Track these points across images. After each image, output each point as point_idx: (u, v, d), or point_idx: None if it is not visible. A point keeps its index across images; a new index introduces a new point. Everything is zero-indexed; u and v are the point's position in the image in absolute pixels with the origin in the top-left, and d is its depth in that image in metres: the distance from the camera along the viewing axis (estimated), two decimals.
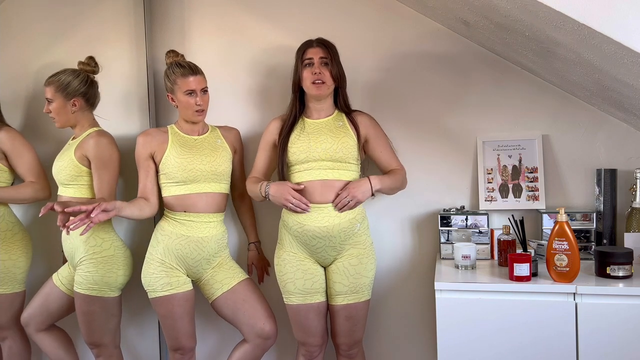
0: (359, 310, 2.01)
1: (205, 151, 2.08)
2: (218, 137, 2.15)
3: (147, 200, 2.06)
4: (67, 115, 2.15)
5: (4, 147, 2.24)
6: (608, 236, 2.02)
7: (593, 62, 1.59)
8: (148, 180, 2.07)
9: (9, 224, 2.27)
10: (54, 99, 2.13)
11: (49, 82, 2.14)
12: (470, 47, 2.19)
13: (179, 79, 2.02)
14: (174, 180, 2.04)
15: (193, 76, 2.03)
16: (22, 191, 2.22)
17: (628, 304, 1.67)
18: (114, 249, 2.11)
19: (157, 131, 2.12)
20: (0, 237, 2.24)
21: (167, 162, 2.04)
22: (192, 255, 2.05)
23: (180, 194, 2.05)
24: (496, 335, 1.76)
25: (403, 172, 2.09)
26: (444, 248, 2.12)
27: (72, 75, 2.14)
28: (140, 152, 2.08)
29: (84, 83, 2.15)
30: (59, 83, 2.12)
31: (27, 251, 2.32)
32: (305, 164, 1.99)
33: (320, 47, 1.99)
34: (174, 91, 2.05)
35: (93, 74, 2.21)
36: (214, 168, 2.06)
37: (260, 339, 2.07)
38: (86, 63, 2.20)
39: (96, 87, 2.22)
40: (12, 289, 2.27)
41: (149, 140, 2.08)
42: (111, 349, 2.17)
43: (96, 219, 1.80)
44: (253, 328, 2.06)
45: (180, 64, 2.06)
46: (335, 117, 2.05)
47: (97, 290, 2.07)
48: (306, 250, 2.02)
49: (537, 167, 2.13)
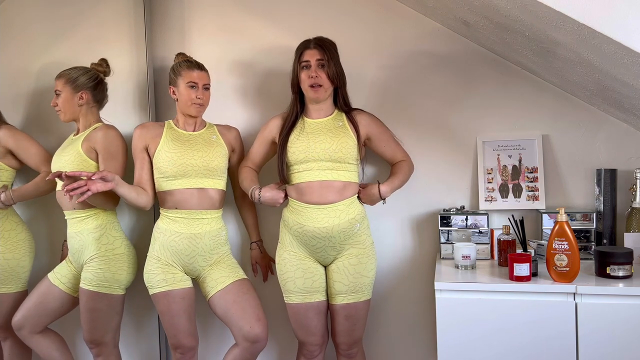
0: (358, 309, 2.01)
1: (198, 146, 2.08)
2: (214, 134, 2.15)
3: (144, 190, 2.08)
4: (73, 108, 2.17)
5: (8, 145, 2.26)
6: (608, 236, 2.02)
7: (593, 62, 1.59)
8: (143, 172, 2.10)
9: (13, 223, 2.29)
10: (62, 90, 2.16)
11: (59, 75, 2.18)
12: (470, 47, 2.19)
13: (184, 70, 2.07)
14: (165, 174, 2.05)
15: (198, 71, 2.08)
16: (41, 185, 2.26)
17: (628, 304, 1.67)
18: (124, 248, 2.14)
19: (154, 125, 2.14)
20: (4, 236, 2.25)
21: (159, 156, 2.06)
22: (186, 252, 2.05)
23: (171, 189, 2.05)
24: (496, 335, 1.76)
25: (408, 163, 2.11)
26: (444, 248, 2.12)
27: (82, 71, 2.19)
28: (135, 144, 2.11)
29: (93, 79, 2.19)
30: (69, 76, 2.16)
31: (31, 251, 2.33)
32: (304, 164, 2.00)
33: (317, 49, 1.98)
34: (176, 83, 2.08)
35: (104, 75, 2.25)
36: (206, 163, 2.06)
37: (248, 342, 2.01)
38: (99, 64, 2.25)
39: (105, 87, 2.25)
40: (16, 289, 2.27)
41: (144, 133, 2.11)
42: (110, 347, 2.17)
43: (94, 187, 1.82)
44: (241, 330, 2.01)
45: (188, 60, 2.11)
46: (335, 117, 2.05)
47: (106, 287, 2.08)
48: (306, 249, 2.02)
49: (537, 167, 2.13)
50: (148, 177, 2.10)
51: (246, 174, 2.14)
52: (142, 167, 2.11)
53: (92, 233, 2.11)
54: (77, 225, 2.14)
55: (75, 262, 2.18)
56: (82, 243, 2.12)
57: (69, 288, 2.20)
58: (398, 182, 2.05)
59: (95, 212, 2.13)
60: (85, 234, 2.11)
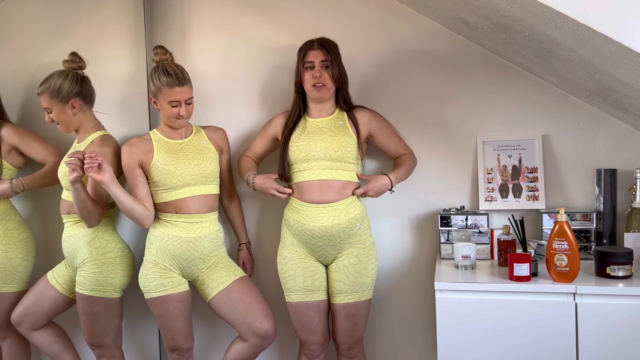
0: (359, 309, 2.01)
1: (192, 154, 2.06)
2: (203, 139, 2.13)
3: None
4: (69, 120, 2.11)
5: (13, 142, 2.27)
6: (608, 236, 2.02)
7: (593, 62, 1.59)
8: (138, 189, 2.02)
9: (15, 222, 2.29)
10: (52, 106, 2.07)
11: (40, 91, 2.07)
12: (470, 47, 2.19)
13: (164, 88, 1.97)
14: (165, 187, 2.03)
15: (179, 87, 1.98)
16: (50, 174, 2.26)
17: (628, 304, 1.67)
18: (117, 251, 2.12)
19: (140, 140, 2.07)
20: (7, 235, 2.25)
21: (156, 171, 2.02)
22: (185, 256, 2.04)
23: (171, 200, 2.04)
24: (496, 335, 1.76)
25: (411, 156, 2.13)
26: (444, 248, 2.12)
27: (61, 78, 2.07)
28: (127, 163, 2.03)
29: (76, 82, 2.09)
30: (51, 89, 2.05)
31: (32, 250, 2.33)
32: (304, 163, 2.00)
33: (320, 50, 2.00)
34: (157, 97, 2.01)
35: (80, 69, 2.14)
36: (202, 170, 2.05)
37: (258, 338, 2.02)
38: (71, 60, 2.12)
39: (89, 83, 2.15)
40: (17, 288, 2.28)
41: (134, 150, 2.03)
42: (113, 349, 2.17)
43: (89, 168, 1.82)
44: (250, 327, 2.02)
45: (167, 71, 1.98)
46: (336, 116, 2.06)
47: (100, 291, 2.07)
48: (307, 248, 2.03)
49: (537, 167, 2.13)
50: (145, 193, 2.03)
51: (245, 162, 2.17)
52: (136, 185, 2.02)
53: (84, 236, 2.09)
54: (70, 228, 2.13)
55: (70, 265, 2.18)
56: (74, 247, 2.12)
57: (64, 289, 2.19)
58: (403, 173, 2.08)
59: None
60: (77, 238, 2.10)
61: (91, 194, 2.01)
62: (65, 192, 2.15)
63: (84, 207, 1.96)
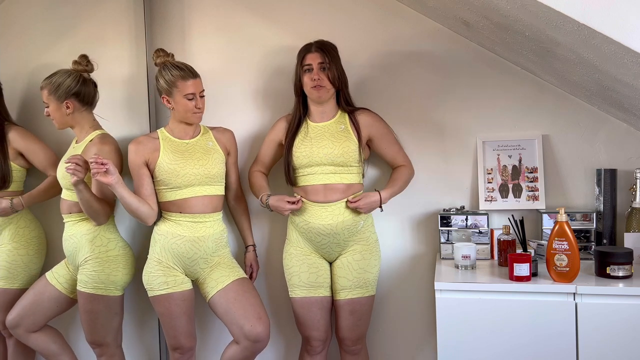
0: (363, 305, 2.03)
1: (198, 155, 2.07)
2: (209, 140, 2.13)
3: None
4: (62, 118, 2.13)
5: (19, 147, 2.29)
6: (608, 236, 2.02)
7: (593, 62, 1.59)
8: (143, 188, 2.05)
9: (27, 220, 2.32)
10: (48, 102, 2.11)
11: (42, 85, 2.12)
12: (470, 47, 2.19)
13: (179, 81, 2.00)
14: (169, 186, 2.04)
15: (193, 79, 2.02)
16: (49, 188, 2.29)
17: (628, 304, 1.67)
18: (119, 249, 2.13)
19: (148, 138, 2.09)
20: (19, 233, 2.28)
21: (161, 169, 2.03)
22: (188, 255, 2.04)
23: (176, 199, 2.05)
24: (496, 335, 1.76)
25: (408, 168, 2.12)
26: (444, 248, 2.12)
27: (64, 76, 2.10)
28: (133, 161, 2.05)
29: (76, 83, 2.10)
30: (51, 85, 2.09)
31: (43, 248, 2.37)
32: (308, 168, 2.03)
33: (318, 52, 2.00)
34: (171, 93, 2.02)
35: (86, 72, 2.15)
36: (207, 171, 2.06)
37: (248, 341, 1.97)
38: (78, 62, 2.14)
39: (91, 86, 2.16)
40: (27, 285, 2.28)
41: (140, 148, 2.05)
42: (113, 348, 2.17)
43: (96, 173, 1.84)
44: (241, 329, 1.98)
45: (178, 66, 2.03)
46: (338, 120, 2.07)
47: (102, 289, 2.08)
48: (312, 245, 2.06)
49: (537, 167, 2.13)
50: (150, 192, 2.06)
51: (256, 179, 2.18)
52: (141, 184, 2.05)
53: (86, 235, 2.10)
54: (71, 228, 2.14)
55: (72, 264, 2.18)
56: (75, 245, 2.12)
57: (65, 288, 2.19)
58: (397, 189, 2.08)
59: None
60: (78, 237, 2.11)
61: (96, 193, 2.04)
62: (65, 191, 2.16)
63: (89, 208, 2.01)
